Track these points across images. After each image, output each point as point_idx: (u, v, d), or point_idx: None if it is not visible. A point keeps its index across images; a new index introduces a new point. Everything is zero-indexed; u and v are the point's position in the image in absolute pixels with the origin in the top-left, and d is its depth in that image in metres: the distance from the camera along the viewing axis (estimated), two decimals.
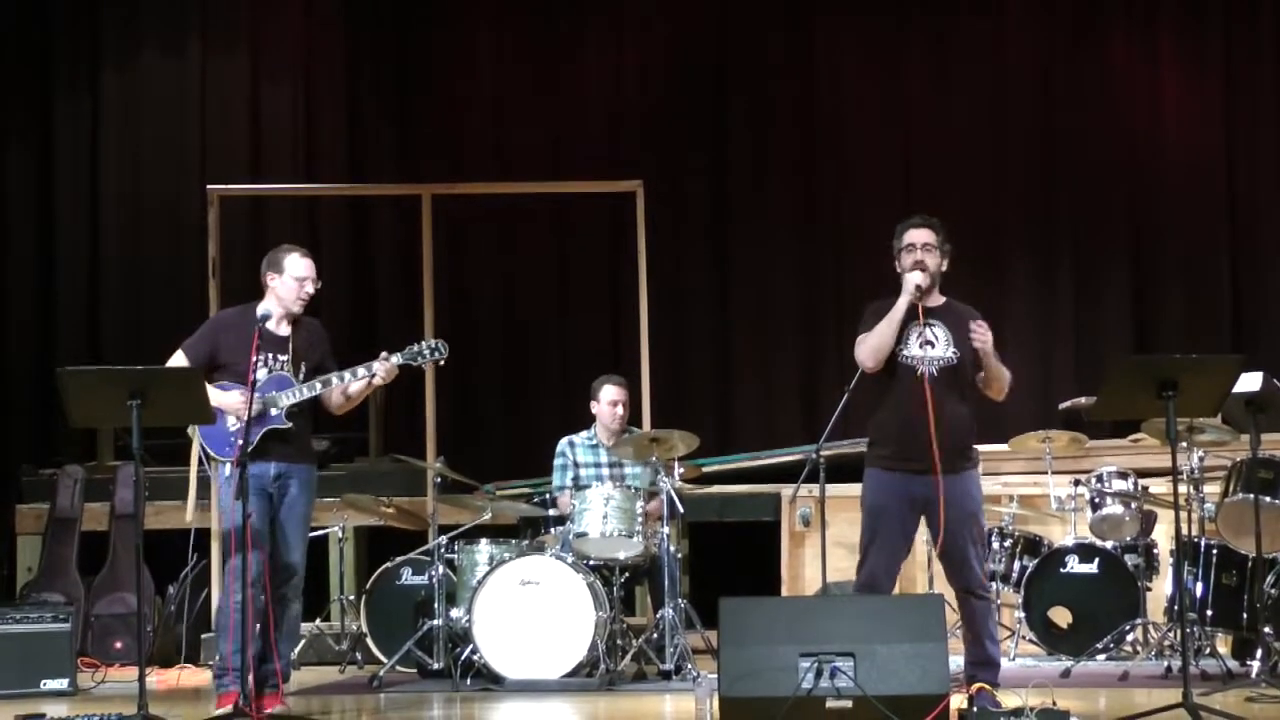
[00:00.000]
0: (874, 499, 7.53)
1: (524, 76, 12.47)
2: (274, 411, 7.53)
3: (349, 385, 7.70)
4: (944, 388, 7.38)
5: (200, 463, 7.89)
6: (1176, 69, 12.14)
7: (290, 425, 7.57)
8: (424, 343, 7.77)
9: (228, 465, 7.59)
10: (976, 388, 7.53)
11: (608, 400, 9.43)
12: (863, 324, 7.60)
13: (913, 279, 7.43)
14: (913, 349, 7.45)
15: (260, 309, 7.72)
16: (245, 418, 7.32)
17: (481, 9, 12.52)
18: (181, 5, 12.54)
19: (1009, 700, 7.26)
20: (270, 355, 7.63)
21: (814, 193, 12.36)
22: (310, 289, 7.76)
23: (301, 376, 7.64)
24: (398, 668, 9.03)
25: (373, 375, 7.64)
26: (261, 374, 7.59)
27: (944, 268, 7.57)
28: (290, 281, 7.73)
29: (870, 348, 7.45)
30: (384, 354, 7.66)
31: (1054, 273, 12.14)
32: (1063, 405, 10.64)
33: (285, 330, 7.71)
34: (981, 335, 7.39)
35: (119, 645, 9.94)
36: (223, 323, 7.89)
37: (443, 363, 7.84)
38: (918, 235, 7.56)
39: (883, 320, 7.43)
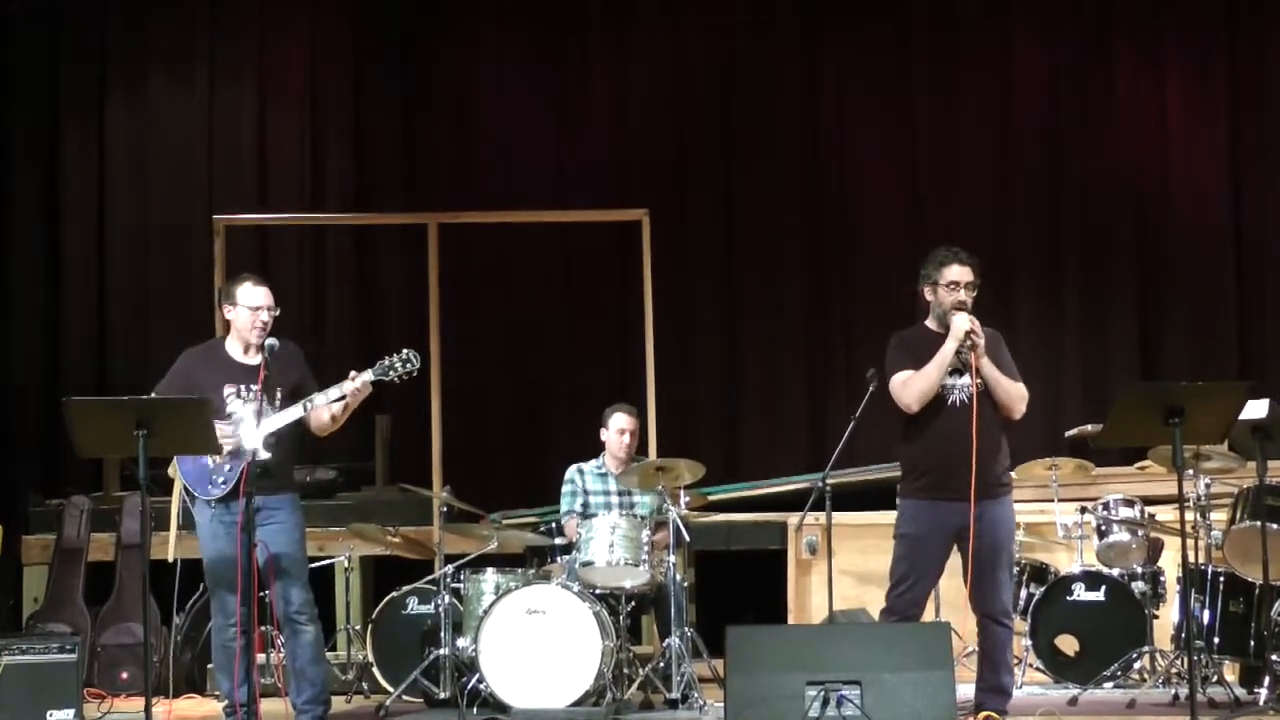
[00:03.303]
0: (912, 529, 7.54)
1: (530, 106, 12.49)
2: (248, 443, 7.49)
3: (324, 407, 7.66)
4: (980, 414, 7.39)
5: (183, 498, 7.87)
6: (1183, 98, 12.15)
7: (270, 456, 7.54)
8: (394, 355, 7.71)
9: (211, 502, 7.60)
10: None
11: (616, 429, 9.44)
12: (894, 360, 7.59)
13: (962, 325, 7.42)
14: (947, 377, 7.47)
15: (227, 344, 7.76)
16: (250, 436, 7.34)
17: (488, 38, 12.55)
18: (189, 34, 12.57)
19: None
20: (243, 386, 7.63)
21: (820, 222, 12.36)
22: (266, 317, 7.71)
23: (278, 403, 7.62)
24: (404, 697, 9.02)
25: (343, 396, 7.60)
26: (237, 405, 7.59)
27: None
28: (245, 311, 7.72)
29: (919, 392, 7.45)
30: (352, 373, 7.63)
31: (1060, 300, 12.14)
32: (1069, 433, 10.65)
33: (254, 359, 7.69)
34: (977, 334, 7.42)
35: (125, 676, 9.92)
36: (190, 360, 7.86)
37: (415, 373, 7.75)
38: (962, 273, 7.57)
39: (931, 364, 7.44)
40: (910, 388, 7.49)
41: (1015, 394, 7.56)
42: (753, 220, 12.40)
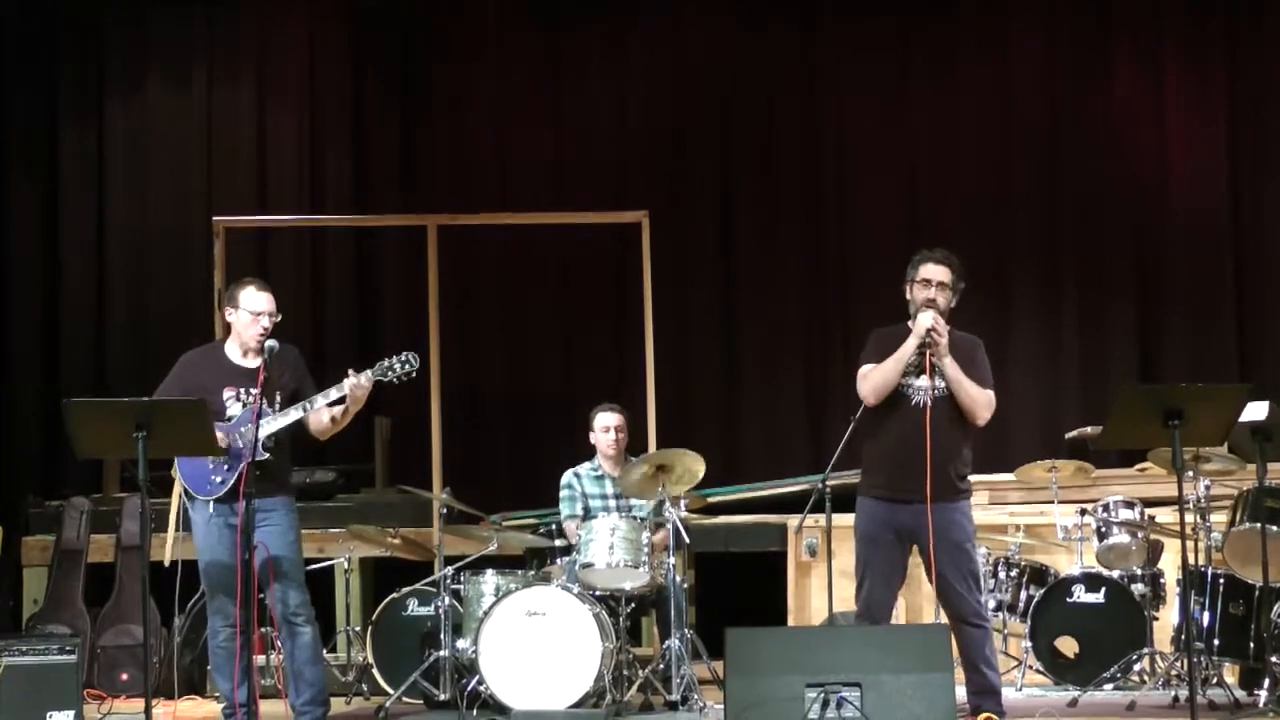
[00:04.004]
0: (865, 528, 7.58)
1: (530, 107, 12.48)
2: (241, 444, 7.48)
3: (324, 410, 7.65)
4: (938, 417, 7.40)
5: (183, 499, 7.87)
6: (1183, 98, 12.15)
7: (269, 457, 7.54)
8: (394, 357, 7.70)
9: (209, 504, 7.59)
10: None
11: (601, 427, 9.43)
12: (865, 353, 7.60)
13: (924, 322, 7.41)
14: (909, 378, 7.47)
15: (227, 346, 7.75)
16: (249, 440, 7.33)
17: (487, 40, 12.54)
18: (187, 36, 12.56)
19: None
20: (242, 389, 7.62)
21: (819, 224, 12.35)
22: (266, 323, 7.69)
23: (278, 405, 7.61)
24: (404, 699, 9.01)
25: (342, 398, 7.59)
26: (236, 409, 7.59)
27: (953, 304, 7.58)
28: (246, 315, 7.71)
29: (874, 385, 7.47)
30: (350, 372, 7.62)
31: (1060, 303, 12.12)
32: (1069, 435, 10.65)
33: (254, 362, 7.69)
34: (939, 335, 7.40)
35: (125, 677, 9.92)
36: (189, 363, 7.85)
37: (414, 374, 7.73)
38: (935, 271, 7.55)
39: (890, 358, 7.44)
40: (868, 380, 7.52)
41: (980, 400, 7.53)
42: (752, 222, 12.38)
